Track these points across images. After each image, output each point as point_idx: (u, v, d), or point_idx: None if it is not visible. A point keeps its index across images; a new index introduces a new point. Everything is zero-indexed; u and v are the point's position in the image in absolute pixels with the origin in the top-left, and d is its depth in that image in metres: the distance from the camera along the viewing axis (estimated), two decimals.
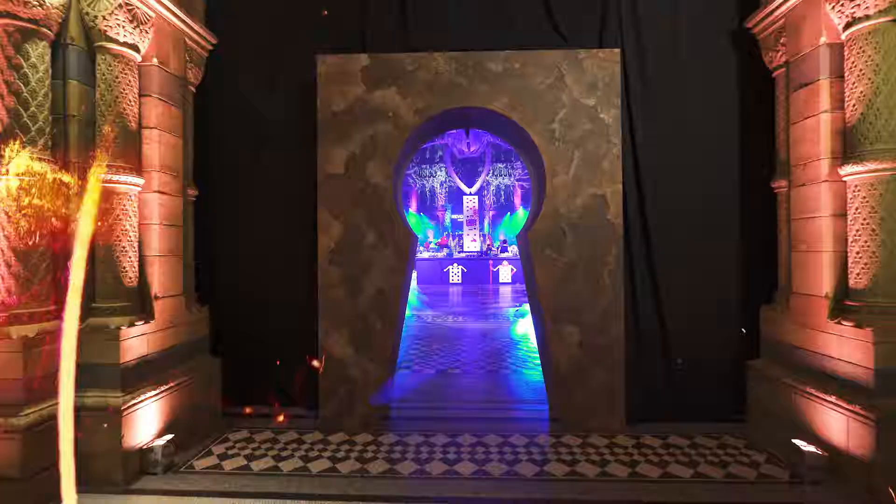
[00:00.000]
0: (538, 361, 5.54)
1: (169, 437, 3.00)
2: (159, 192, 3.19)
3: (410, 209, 33.61)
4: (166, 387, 3.10)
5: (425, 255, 18.43)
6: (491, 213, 31.31)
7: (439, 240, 21.83)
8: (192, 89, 3.67)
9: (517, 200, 32.81)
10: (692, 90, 3.67)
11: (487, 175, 29.77)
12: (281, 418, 3.74)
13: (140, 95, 3.11)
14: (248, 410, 3.87)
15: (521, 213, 33.22)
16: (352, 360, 3.52)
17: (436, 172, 33.00)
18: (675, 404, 3.63)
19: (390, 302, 3.52)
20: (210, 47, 3.78)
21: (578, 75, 3.52)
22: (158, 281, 3.17)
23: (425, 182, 33.12)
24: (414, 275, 18.18)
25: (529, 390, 4.51)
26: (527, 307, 10.60)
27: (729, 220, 3.67)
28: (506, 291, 14.48)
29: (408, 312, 9.26)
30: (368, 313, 3.52)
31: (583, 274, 3.47)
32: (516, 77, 3.53)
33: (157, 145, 3.18)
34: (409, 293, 4.10)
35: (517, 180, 33.03)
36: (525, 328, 7.90)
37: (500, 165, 32.90)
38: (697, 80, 3.68)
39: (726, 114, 3.67)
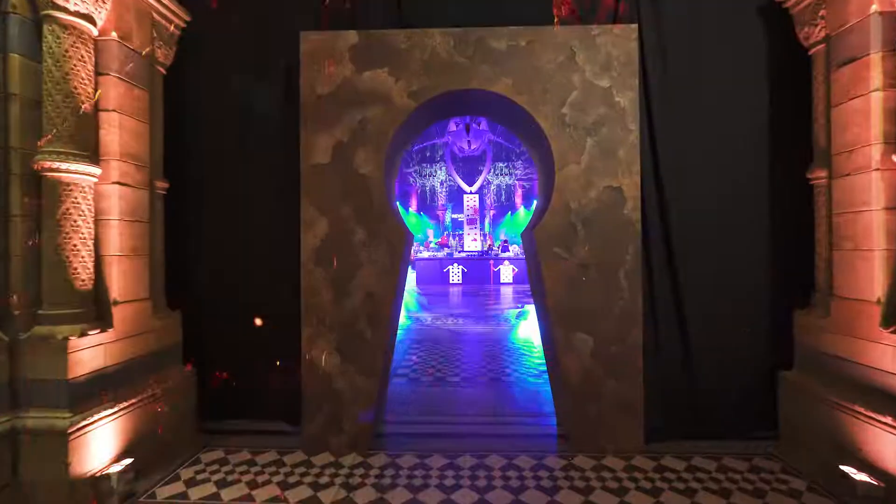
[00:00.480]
0: (544, 369, 5.18)
1: (128, 461, 2.64)
2: (120, 183, 2.83)
3: (411, 208, 33.37)
4: (127, 403, 2.74)
5: (425, 254, 18.08)
6: (492, 212, 31.00)
7: (439, 239, 21.47)
8: (163, 71, 3.30)
9: (518, 200, 32.54)
10: (716, 71, 3.31)
11: (488, 174, 29.46)
12: (261, 436, 3.38)
13: (96, 74, 2.74)
14: (225, 426, 3.51)
15: (523, 213, 32.96)
16: (338, 372, 3.16)
17: (436, 171, 32.71)
18: (697, 420, 3.26)
19: (381, 307, 3.15)
20: (183, 25, 3.41)
21: (591, 54, 3.15)
22: (118, 283, 2.80)
23: (426, 181, 32.83)
24: (413, 275, 17.87)
25: (535, 402, 4.14)
26: (529, 309, 10.23)
27: (758, 215, 3.30)
28: (507, 292, 14.12)
29: (405, 314, 8.89)
30: (357, 320, 3.16)
31: (596, 275, 3.11)
32: (522, 56, 3.16)
33: (118, 130, 2.81)
34: (405, 296, 3.74)
35: (518, 179, 32.75)
36: (528, 331, 7.54)
37: (500, 164, 32.61)
38: (722, 60, 3.31)
39: (754, 97, 3.30)
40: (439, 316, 9.23)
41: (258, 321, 3.50)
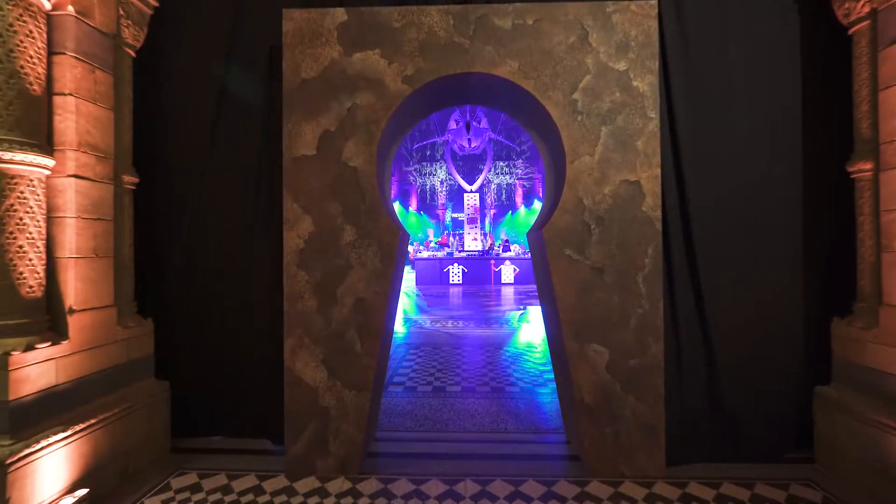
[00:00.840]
0: (550, 377, 4.86)
1: (83, 492, 2.33)
2: (77, 176, 2.51)
3: (411, 207, 33.14)
4: (84, 425, 2.43)
5: (425, 254, 17.78)
6: (492, 211, 30.72)
7: (439, 238, 21.16)
8: (132, 53, 2.99)
9: (518, 199, 32.31)
10: (743, 52, 2.99)
11: (489, 173, 29.16)
12: (241, 455, 3.07)
13: (50, 53, 2.43)
14: (201, 445, 3.20)
15: (523, 212, 32.69)
16: (325, 387, 2.84)
17: (436, 171, 32.50)
18: (724, 441, 2.94)
19: (373, 314, 2.83)
20: (156, 3, 3.10)
21: (606, 34, 2.83)
22: (76, 289, 2.49)
23: (426, 180, 32.59)
24: (413, 276, 17.56)
25: (542, 416, 3.82)
26: (531, 310, 9.91)
27: (790, 213, 2.98)
28: (508, 293, 13.81)
29: (403, 318, 8.56)
30: (346, 329, 2.84)
31: (612, 279, 2.79)
32: (529, 36, 2.84)
33: (74, 116, 2.50)
34: (403, 298, 3.42)
35: (519, 179, 32.50)
36: (531, 335, 7.22)
37: (501, 164, 32.35)
38: (749, 40, 2.99)
39: (785, 81, 2.98)
40: (439, 318, 8.91)
41: (239, 329, 3.20)
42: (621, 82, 2.82)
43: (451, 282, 16.13)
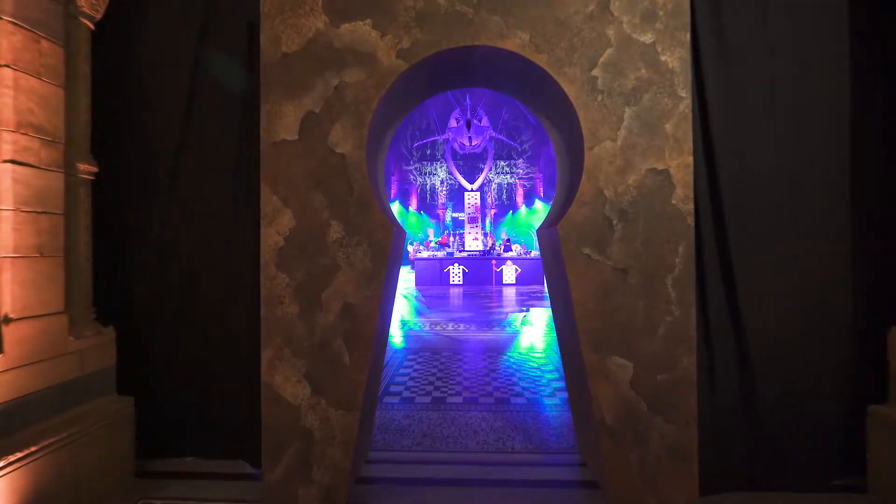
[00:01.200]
0: (558, 386, 4.50)
1: None
2: (16, 161, 2.15)
3: (411, 207, 32.83)
4: (23, 454, 2.07)
5: (424, 254, 17.42)
6: (492, 211, 30.40)
7: (439, 238, 20.80)
8: (90, 25, 2.63)
9: (519, 199, 32.00)
10: (786, 27, 2.64)
11: (489, 172, 28.83)
12: (215, 480, 2.71)
13: None
14: (170, 468, 2.85)
15: (524, 212, 32.37)
16: (308, 406, 2.48)
17: (437, 170, 32.19)
18: (763, 466, 2.59)
19: (363, 322, 2.47)
20: None
21: (630, 2, 2.47)
22: (13, 294, 2.13)
23: (426, 179, 32.28)
24: (412, 276, 17.19)
25: (553, 432, 3.47)
26: (535, 313, 9.53)
27: (839, 210, 2.63)
28: (510, 294, 13.47)
29: (402, 319, 8.19)
30: (332, 338, 2.48)
31: (637, 282, 2.43)
32: (542, 3, 2.48)
33: (12, 92, 2.14)
34: (401, 301, 3.05)
35: (519, 178, 32.18)
36: (536, 339, 6.86)
37: (502, 163, 32.03)
38: (794, 13, 2.64)
39: (834, 57, 2.63)
40: (438, 321, 8.55)
41: (216, 338, 2.84)
42: (647, 57, 2.46)
43: (451, 282, 15.78)
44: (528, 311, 9.94)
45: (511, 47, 2.48)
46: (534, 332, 7.54)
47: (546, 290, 13.64)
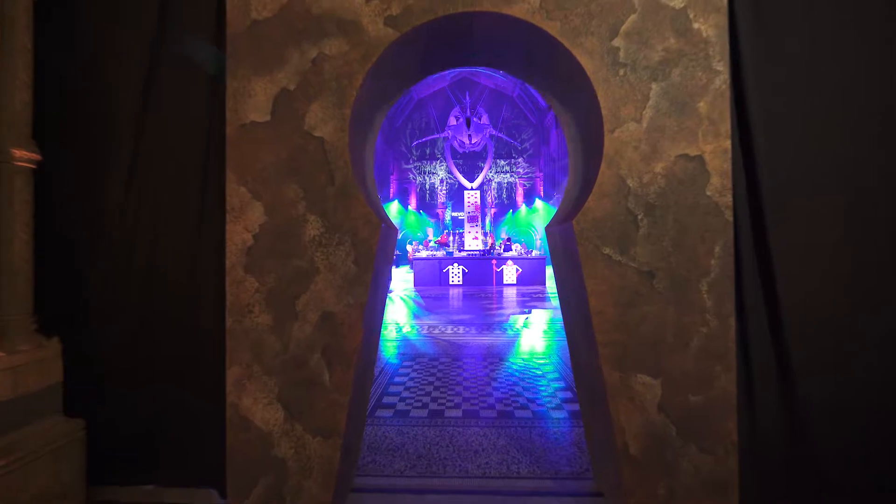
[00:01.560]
0: (566, 396, 4.15)
1: None
2: None
3: (410, 206, 32.56)
4: None
5: (423, 254, 17.08)
6: (492, 210, 30.14)
7: (439, 238, 20.48)
8: None
9: (519, 199, 31.72)
10: None
11: (489, 170, 28.57)
12: None
13: None
14: (128, 498, 2.50)
15: (524, 211, 32.07)
16: (281, 432, 2.12)
17: (436, 169, 31.93)
18: (809, 496, 2.23)
19: (346, 334, 2.12)
20: None
21: None
22: None
23: (425, 179, 32.02)
24: (411, 276, 16.84)
25: (562, 452, 3.11)
26: (537, 314, 9.18)
27: None
28: (511, 294, 13.12)
29: (399, 323, 7.80)
30: (308, 354, 2.12)
31: (666, 287, 2.07)
32: None
33: None
34: (389, 309, 2.69)
35: (520, 177, 31.90)
36: (539, 343, 6.51)
37: (502, 162, 31.76)
38: None
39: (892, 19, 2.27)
40: (437, 324, 8.20)
41: (181, 350, 2.48)
42: (678, 24, 2.11)
43: (450, 283, 15.43)
44: (529, 312, 9.59)
45: (518, 13, 2.13)
46: (536, 334, 7.19)
47: (556, 293, 13.26)
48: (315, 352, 2.12)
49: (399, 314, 9.34)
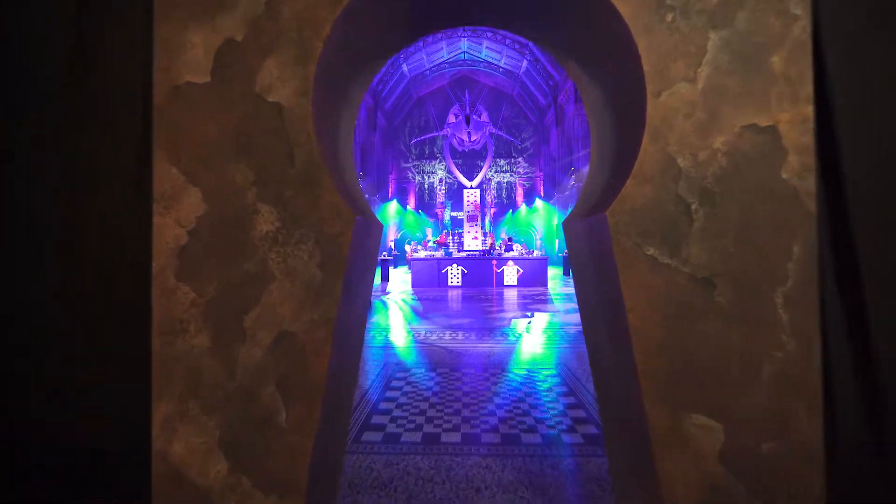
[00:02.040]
0: (578, 415, 3.65)
1: None
2: None
3: (409, 206, 32.10)
4: None
5: (421, 254, 16.62)
6: (492, 210, 29.70)
7: (438, 238, 20.04)
8: None
9: (519, 198, 31.21)
10: None
11: (489, 169, 28.15)
12: None
13: None
14: None
15: (524, 211, 31.56)
16: (224, 488, 1.62)
17: (435, 168, 31.53)
18: None
19: (309, 360, 1.62)
20: None
21: None
22: None
23: (424, 178, 31.63)
24: (409, 277, 16.35)
25: (580, 491, 2.62)
26: (539, 318, 8.66)
27: None
28: (511, 296, 12.66)
29: (392, 329, 7.24)
30: (260, 385, 1.62)
31: (729, 299, 1.58)
32: None
33: None
34: (365, 331, 2.16)
35: (520, 177, 31.43)
36: (544, 350, 6.01)
37: (501, 161, 31.26)
38: None
39: None
40: (434, 329, 7.70)
41: (110, 357, 1.98)
42: None
43: (449, 284, 14.95)
44: (532, 316, 9.11)
45: None
46: (539, 340, 6.70)
47: (558, 294, 12.76)
48: (268, 383, 1.62)
49: (395, 318, 8.85)
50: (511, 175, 30.09)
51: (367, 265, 1.94)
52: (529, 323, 8.37)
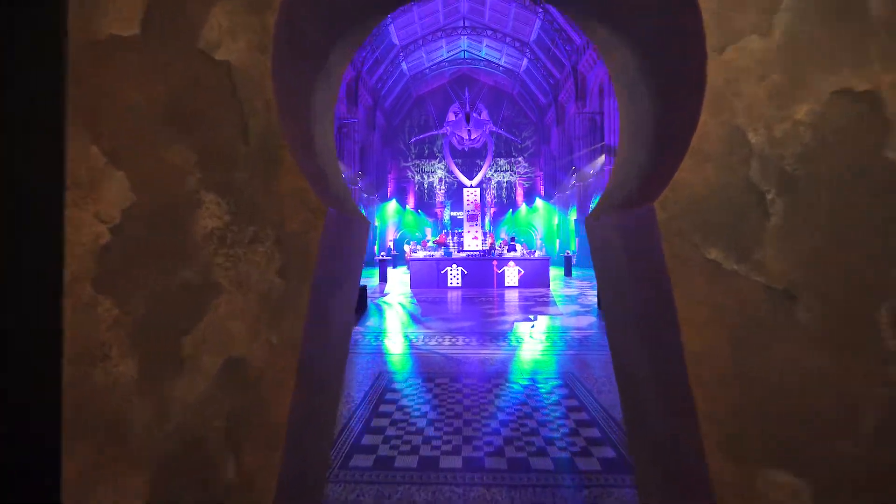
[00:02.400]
0: (592, 435, 3.28)
1: None
2: None
3: (408, 206, 31.81)
4: None
5: (420, 254, 16.29)
6: (492, 210, 29.47)
7: (437, 238, 19.73)
8: None
9: (519, 198, 30.90)
10: None
11: (489, 168, 27.86)
12: None
13: None
14: None
15: (524, 210, 31.24)
16: None
17: (435, 168, 31.31)
18: None
19: (268, 395, 1.24)
20: None
21: None
22: None
23: (424, 178, 31.43)
24: (407, 279, 16.00)
25: None
26: (542, 321, 8.28)
27: None
28: (513, 297, 12.31)
29: (388, 334, 6.79)
30: (204, 427, 1.25)
31: (817, 317, 1.20)
32: None
33: None
34: (345, 354, 1.77)
35: (520, 177, 31.13)
36: (550, 357, 5.63)
37: (501, 161, 30.97)
38: None
39: None
40: (433, 333, 7.33)
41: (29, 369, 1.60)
42: None
43: (448, 285, 14.60)
44: (535, 319, 8.73)
45: None
46: (544, 347, 6.32)
47: (560, 296, 12.39)
48: (214, 426, 1.24)
49: (391, 322, 8.48)
50: (511, 174, 29.78)
51: (346, 271, 1.56)
52: (532, 327, 8.00)
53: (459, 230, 20.27)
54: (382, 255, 18.03)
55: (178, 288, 1.24)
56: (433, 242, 18.32)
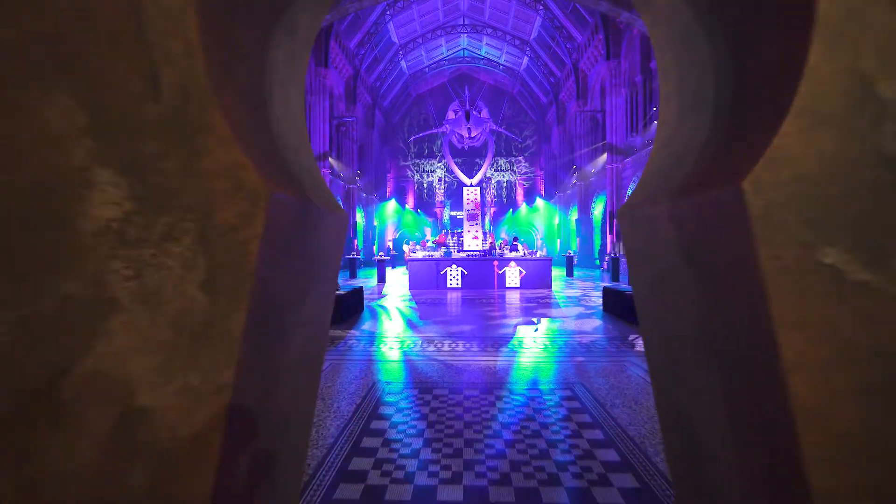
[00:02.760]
0: (609, 458, 2.90)
1: None
2: None
3: (408, 205, 31.51)
4: None
5: (419, 254, 15.95)
6: (492, 209, 29.18)
7: (437, 238, 19.41)
8: None
9: (519, 198, 30.59)
10: None
11: (490, 167, 27.55)
12: None
13: None
14: None
15: (525, 210, 30.95)
16: None
17: (434, 167, 31.11)
18: None
19: (183, 461, 0.86)
20: None
21: None
22: None
23: (423, 177, 31.20)
24: (405, 279, 15.65)
25: None
26: (545, 324, 7.90)
27: None
28: (514, 299, 11.97)
29: (385, 340, 6.37)
30: None
31: None
32: None
33: None
34: (313, 402, 1.38)
35: (520, 176, 30.83)
36: (557, 365, 5.25)
37: (502, 160, 30.70)
38: None
39: None
40: (432, 337, 6.96)
41: None
42: None
43: (448, 286, 14.26)
44: (538, 322, 8.37)
45: None
46: (550, 353, 5.95)
47: (562, 297, 12.03)
48: None
49: (388, 325, 8.11)
50: (511, 174, 29.49)
51: (309, 279, 1.17)
52: (536, 331, 7.64)
53: (459, 230, 19.92)
54: (381, 255, 17.67)
55: (55, 306, 0.86)
56: (432, 242, 17.96)
